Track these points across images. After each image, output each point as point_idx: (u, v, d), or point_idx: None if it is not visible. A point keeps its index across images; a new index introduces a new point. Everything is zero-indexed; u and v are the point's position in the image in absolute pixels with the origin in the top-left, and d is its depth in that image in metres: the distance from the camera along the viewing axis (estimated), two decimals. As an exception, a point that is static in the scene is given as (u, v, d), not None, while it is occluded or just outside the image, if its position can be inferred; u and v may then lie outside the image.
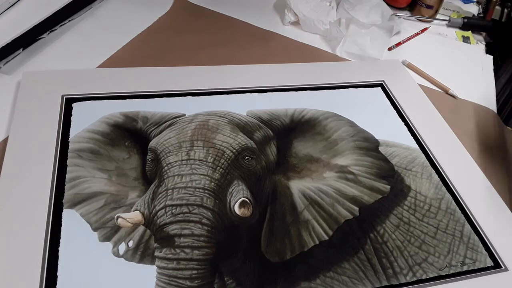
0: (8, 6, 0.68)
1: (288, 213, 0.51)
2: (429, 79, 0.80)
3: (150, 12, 0.80)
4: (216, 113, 0.58)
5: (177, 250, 0.45)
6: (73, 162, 0.51)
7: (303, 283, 0.47)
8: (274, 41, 0.81)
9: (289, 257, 0.49)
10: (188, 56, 0.73)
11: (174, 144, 0.52)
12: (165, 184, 0.49)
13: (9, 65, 0.63)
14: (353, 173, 0.56)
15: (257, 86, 0.67)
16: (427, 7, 0.95)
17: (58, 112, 0.56)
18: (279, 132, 0.59)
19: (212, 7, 0.85)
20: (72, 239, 0.45)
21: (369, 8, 0.86)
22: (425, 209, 0.55)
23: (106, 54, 0.69)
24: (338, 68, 0.76)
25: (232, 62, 0.72)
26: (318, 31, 0.84)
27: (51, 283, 0.42)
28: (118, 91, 0.61)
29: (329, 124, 0.61)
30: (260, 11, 0.88)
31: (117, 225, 0.47)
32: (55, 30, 0.71)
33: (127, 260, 0.45)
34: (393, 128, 0.66)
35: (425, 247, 0.52)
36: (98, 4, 0.79)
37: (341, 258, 0.49)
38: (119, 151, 0.54)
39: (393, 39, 0.87)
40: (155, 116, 0.58)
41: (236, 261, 0.48)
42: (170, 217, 0.47)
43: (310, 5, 0.84)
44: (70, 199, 0.48)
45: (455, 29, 0.97)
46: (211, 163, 0.51)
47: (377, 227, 0.53)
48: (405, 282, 0.49)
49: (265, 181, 0.53)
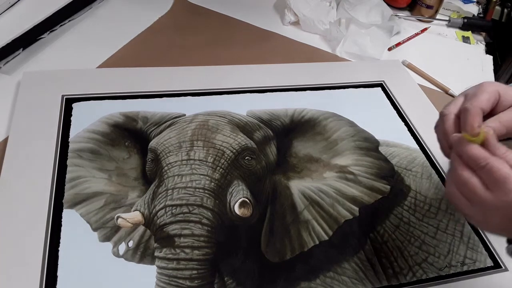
0: (8, 6, 0.68)
1: (288, 213, 0.51)
2: (429, 79, 0.80)
3: (150, 12, 0.80)
4: (216, 113, 0.58)
5: (177, 250, 0.45)
6: (73, 162, 0.51)
7: (303, 283, 0.47)
8: (274, 41, 0.81)
9: (289, 257, 0.49)
10: (188, 56, 0.73)
11: (174, 144, 0.52)
12: (165, 184, 0.49)
13: (9, 65, 0.63)
14: (353, 173, 0.56)
15: (257, 86, 0.67)
16: (427, 7, 0.95)
17: (58, 112, 0.56)
18: (279, 132, 0.59)
19: (212, 7, 0.85)
20: (72, 239, 0.45)
21: (369, 8, 0.86)
22: (425, 209, 0.55)
23: (106, 54, 0.69)
24: (338, 68, 0.76)
25: (232, 62, 0.72)
26: (318, 31, 0.84)
27: (51, 283, 0.42)
28: (118, 91, 0.61)
29: (329, 124, 0.61)
30: (260, 11, 0.88)
31: (117, 225, 0.47)
32: (55, 30, 0.71)
33: (127, 260, 0.45)
34: (393, 128, 0.66)
35: (425, 247, 0.52)
36: (98, 4, 0.79)
37: (341, 258, 0.49)
38: (119, 151, 0.54)
39: (393, 39, 0.87)
40: (155, 116, 0.58)
41: (236, 261, 0.48)
42: (170, 217, 0.47)
43: (310, 5, 0.84)
44: (70, 199, 0.48)
45: (455, 29, 0.97)
46: (211, 163, 0.51)
47: (377, 227, 0.53)
48: (405, 282, 0.49)
49: (265, 181, 0.53)
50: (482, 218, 0.35)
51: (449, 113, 0.38)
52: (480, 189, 0.33)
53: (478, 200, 0.34)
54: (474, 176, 0.34)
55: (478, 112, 0.36)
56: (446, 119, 0.38)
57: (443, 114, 0.38)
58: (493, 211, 0.33)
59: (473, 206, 0.34)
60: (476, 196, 0.34)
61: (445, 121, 0.38)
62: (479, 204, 0.34)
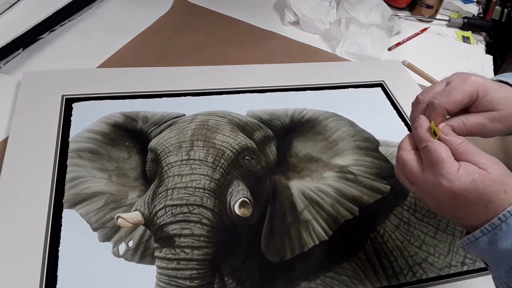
0: (8, 6, 0.68)
1: (288, 213, 0.51)
2: (429, 79, 0.80)
3: (150, 12, 0.80)
4: (216, 113, 0.58)
5: (177, 250, 0.45)
6: (73, 162, 0.51)
7: (303, 283, 0.47)
8: (274, 41, 0.81)
9: (289, 257, 0.49)
10: (188, 56, 0.73)
11: (174, 144, 0.52)
12: (165, 184, 0.49)
13: (9, 65, 0.63)
14: (353, 173, 0.56)
15: (257, 86, 0.67)
16: (427, 7, 0.95)
17: (58, 112, 0.56)
18: (279, 132, 0.59)
19: (212, 7, 0.85)
20: (72, 239, 0.45)
21: (369, 8, 0.86)
22: (425, 209, 0.55)
23: (106, 54, 0.69)
24: (338, 68, 0.76)
25: (232, 62, 0.72)
26: (318, 31, 0.84)
27: (51, 283, 0.42)
28: (118, 91, 0.61)
29: (329, 124, 0.61)
30: (260, 11, 0.88)
31: (117, 225, 0.47)
32: (55, 30, 0.71)
33: (127, 260, 0.45)
34: (393, 128, 0.66)
35: (425, 247, 0.52)
36: (98, 4, 0.79)
37: (341, 258, 0.49)
38: (119, 151, 0.54)
39: (393, 39, 0.87)
40: (155, 116, 0.58)
41: (236, 261, 0.48)
42: (170, 217, 0.47)
43: (310, 5, 0.84)
44: (70, 199, 0.48)
45: (455, 29, 0.97)
46: (211, 163, 0.51)
47: (377, 227, 0.53)
48: (405, 282, 0.49)
49: (265, 181, 0.53)
50: (420, 196, 0.37)
51: (422, 103, 0.39)
52: (416, 168, 0.36)
53: (414, 179, 0.36)
54: (415, 157, 0.36)
55: (442, 113, 0.38)
56: (417, 108, 0.40)
57: (417, 101, 0.40)
58: (426, 192, 0.35)
59: (412, 185, 0.37)
60: (413, 176, 0.36)
61: (414, 110, 0.40)
62: (416, 183, 0.36)
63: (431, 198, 0.35)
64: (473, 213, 0.33)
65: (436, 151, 0.34)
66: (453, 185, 0.32)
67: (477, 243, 0.34)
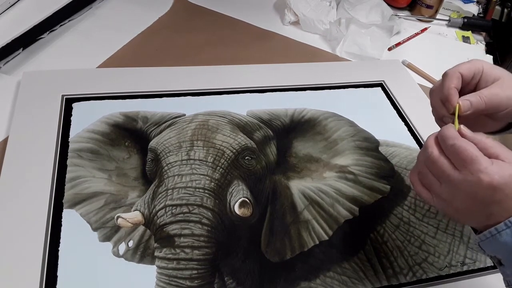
0: (8, 6, 0.68)
1: (288, 213, 0.51)
2: (429, 79, 0.80)
3: (150, 12, 0.80)
4: (216, 113, 0.58)
5: (177, 250, 0.45)
6: (73, 162, 0.51)
7: (303, 283, 0.47)
8: (274, 41, 0.81)
9: (289, 257, 0.49)
10: (188, 56, 0.73)
11: (174, 144, 0.52)
12: (165, 184, 0.49)
13: (9, 65, 0.63)
14: (353, 173, 0.56)
15: (257, 86, 0.67)
16: (427, 7, 0.95)
17: (58, 112, 0.56)
18: (279, 132, 0.59)
19: (212, 7, 0.85)
20: (72, 239, 0.45)
21: (369, 8, 0.86)
22: (425, 209, 0.55)
23: (106, 54, 0.69)
24: (338, 68, 0.76)
25: (232, 62, 0.72)
26: (318, 31, 0.84)
27: (51, 283, 0.42)
28: (118, 91, 0.61)
29: (329, 124, 0.61)
30: (260, 11, 0.88)
31: (117, 225, 0.47)
32: (55, 30, 0.71)
33: (127, 260, 0.45)
34: (393, 128, 0.66)
35: (425, 247, 0.52)
36: (98, 4, 0.79)
37: (341, 258, 0.49)
38: (119, 151, 0.54)
39: (393, 39, 0.87)
40: (155, 116, 0.58)
41: (236, 261, 0.48)
42: (170, 217, 0.47)
43: (310, 5, 0.84)
44: (70, 199, 0.48)
45: (455, 29, 0.97)
46: (211, 163, 0.51)
47: (377, 227, 0.53)
48: (405, 282, 0.49)
49: (265, 181, 0.53)
50: (448, 196, 0.36)
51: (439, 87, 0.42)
52: (448, 167, 0.35)
53: (446, 178, 0.35)
54: (443, 156, 0.35)
55: (456, 76, 0.39)
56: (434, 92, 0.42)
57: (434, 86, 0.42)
58: (459, 190, 0.34)
59: (442, 185, 0.36)
60: (444, 175, 0.35)
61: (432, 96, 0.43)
62: (447, 182, 0.35)
63: (464, 197, 0.34)
64: (506, 207, 0.33)
65: (467, 149, 0.34)
66: (493, 179, 0.32)
67: (499, 237, 0.34)
